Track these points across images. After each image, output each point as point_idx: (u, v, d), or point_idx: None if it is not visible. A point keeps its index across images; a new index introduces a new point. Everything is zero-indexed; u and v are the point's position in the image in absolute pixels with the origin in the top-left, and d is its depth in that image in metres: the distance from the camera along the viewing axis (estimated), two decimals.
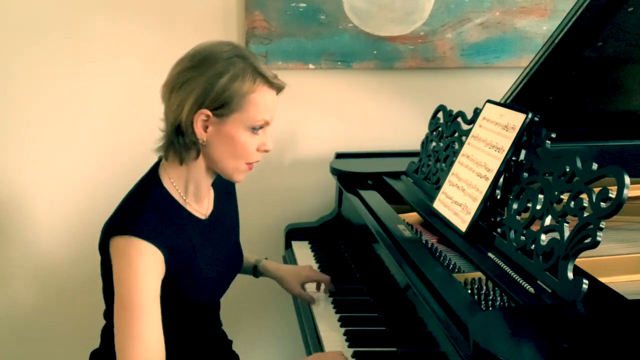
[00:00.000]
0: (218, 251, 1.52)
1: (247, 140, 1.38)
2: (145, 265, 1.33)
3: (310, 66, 2.24)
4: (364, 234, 1.76)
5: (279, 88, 1.41)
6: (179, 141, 1.37)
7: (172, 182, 1.43)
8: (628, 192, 1.14)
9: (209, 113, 1.34)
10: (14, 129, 2.20)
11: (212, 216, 1.52)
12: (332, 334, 1.57)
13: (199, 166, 1.42)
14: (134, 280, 1.32)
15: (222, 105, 1.34)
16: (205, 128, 1.36)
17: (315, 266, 1.94)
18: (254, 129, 1.38)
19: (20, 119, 2.20)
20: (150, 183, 1.43)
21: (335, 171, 2.13)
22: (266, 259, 1.83)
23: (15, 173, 2.23)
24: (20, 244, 2.28)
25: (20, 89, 2.18)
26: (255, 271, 1.81)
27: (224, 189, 1.61)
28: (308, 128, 2.32)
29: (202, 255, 1.46)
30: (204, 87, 1.33)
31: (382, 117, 2.33)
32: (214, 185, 1.54)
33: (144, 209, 1.37)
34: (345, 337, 1.54)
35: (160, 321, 1.35)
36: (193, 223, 1.45)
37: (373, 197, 1.90)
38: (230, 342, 1.77)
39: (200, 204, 1.48)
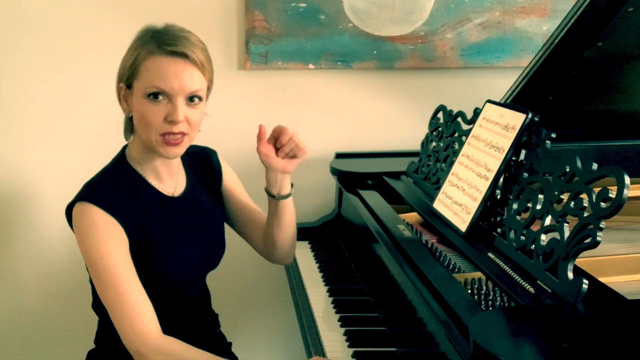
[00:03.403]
0: (189, 232, 1.51)
1: (146, 109, 1.34)
2: (102, 231, 1.35)
3: (310, 66, 2.24)
4: (364, 234, 1.76)
5: (170, 53, 1.33)
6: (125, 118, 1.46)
7: (133, 157, 1.47)
8: (628, 192, 1.14)
9: (122, 85, 1.40)
10: (17, 126, 2.20)
11: (183, 196, 1.52)
12: (332, 334, 1.57)
13: (141, 141, 1.43)
14: (97, 247, 1.34)
15: (129, 76, 1.38)
16: (126, 101, 1.41)
17: (315, 266, 1.94)
18: (149, 96, 1.33)
19: (23, 116, 2.20)
20: (116, 159, 1.49)
21: (335, 171, 2.13)
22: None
23: (17, 171, 2.23)
24: (23, 242, 2.28)
25: (22, 86, 2.18)
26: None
27: (203, 174, 1.60)
28: (308, 128, 2.32)
29: (166, 231, 1.46)
30: (120, 63, 1.40)
31: (382, 117, 2.33)
32: (188, 167, 1.56)
33: (103, 179, 1.43)
34: (345, 337, 1.54)
35: (140, 284, 1.36)
36: (156, 198, 1.47)
37: (373, 197, 1.90)
38: (230, 344, 1.76)
39: (162, 182, 1.49)
